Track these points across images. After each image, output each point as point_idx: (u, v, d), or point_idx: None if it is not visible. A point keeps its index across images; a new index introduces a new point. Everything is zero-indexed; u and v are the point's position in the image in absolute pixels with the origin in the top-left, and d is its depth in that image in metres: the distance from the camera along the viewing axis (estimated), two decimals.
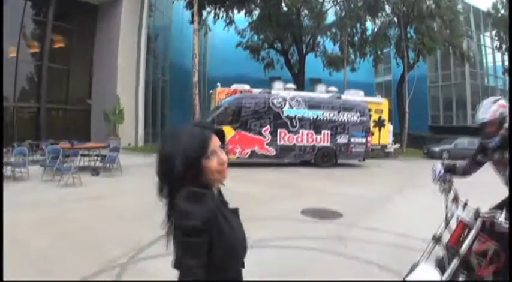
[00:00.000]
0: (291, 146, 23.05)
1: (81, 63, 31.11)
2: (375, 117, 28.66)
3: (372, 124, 27.42)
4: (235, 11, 38.34)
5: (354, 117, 24.08)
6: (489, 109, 5.27)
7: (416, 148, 34.58)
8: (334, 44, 40.35)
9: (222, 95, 25.73)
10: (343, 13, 38.50)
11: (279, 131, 22.74)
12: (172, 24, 40.50)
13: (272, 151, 22.65)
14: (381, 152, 30.33)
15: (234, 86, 26.42)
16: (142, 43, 33.11)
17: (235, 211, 2.43)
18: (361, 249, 8.56)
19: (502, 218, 5.05)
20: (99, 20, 32.14)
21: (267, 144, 22.50)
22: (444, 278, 5.04)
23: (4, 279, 3.44)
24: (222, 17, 38.15)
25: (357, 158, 24.69)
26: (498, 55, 49.48)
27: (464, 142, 31.20)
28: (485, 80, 49.93)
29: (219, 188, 2.41)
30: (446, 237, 5.19)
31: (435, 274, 5.09)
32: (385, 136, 30.08)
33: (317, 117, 23.43)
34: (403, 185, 17.66)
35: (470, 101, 47.11)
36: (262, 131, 22.44)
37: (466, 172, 5.85)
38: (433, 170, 5.58)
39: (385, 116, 29.85)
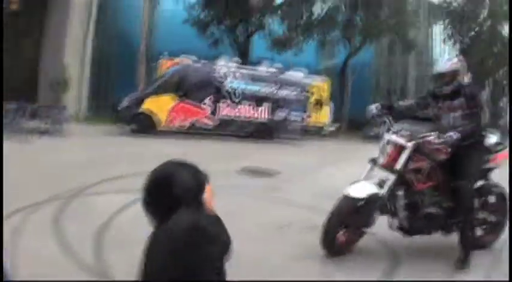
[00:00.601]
0: (231, 118, 23.59)
1: (31, 31, 30.88)
2: (315, 96, 29.41)
3: (311, 103, 28.22)
4: None
5: (294, 93, 24.87)
6: (447, 63, 6.27)
7: (356, 131, 35.36)
8: (281, 24, 40.70)
9: (167, 66, 26.07)
10: None
11: (220, 102, 23.30)
12: None
13: (212, 122, 23.15)
14: (319, 131, 31.14)
15: (180, 58, 26.75)
16: (93, 12, 33.06)
17: None
18: (294, 195, 9.40)
19: (432, 137, 5.94)
20: None
21: (207, 115, 23.02)
22: (383, 192, 5.79)
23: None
24: None
25: (295, 134, 25.27)
26: (446, 47, 50.57)
27: (404, 126, 32.16)
28: (432, 69, 51.01)
29: None
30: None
31: (373, 187, 5.84)
32: (324, 116, 30.86)
33: (258, 90, 24.09)
34: (337, 158, 18.55)
35: (414, 89, 48.38)
36: (203, 101, 22.97)
37: (406, 111, 6.79)
38: (368, 110, 6.45)
39: (325, 96, 30.65)
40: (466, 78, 6.31)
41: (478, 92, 6.61)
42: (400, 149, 5.88)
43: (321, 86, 30.52)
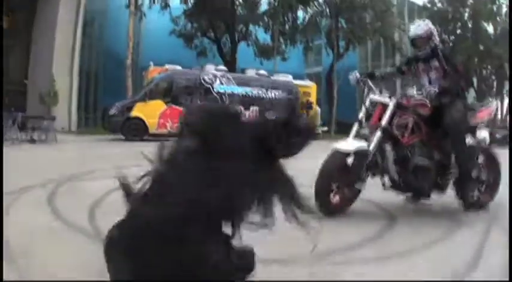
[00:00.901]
0: None
1: (20, 44, 30.98)
2: (303, 99, 29.55)
3: (299, 106, 28.38)
4: None
5: (282, 95, 25.06)
6: (421, 27, 6.45)
7: (344, 134, 35.46)
8: (266, 32, 40.99)
9: (154, 74, 26.17)
10: (276, 3, 39.21)
11: None
12: (108, 9, 40.41)
13: None
14: None
15: (167, 66, 26.85)
16: (79, 27, 33.10)
17: None
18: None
19: (413, 92, 6.08)
20: (39, 2, 32.04)
21: None
22: (371, 146, 5.85)
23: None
24: (159, 1, 38.58)
25: None
26: None
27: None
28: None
29: None
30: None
31: (360, 143, 5.90)
32: (313, 118, 31.02)
33: (246, 93, 24.28)
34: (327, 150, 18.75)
35: (399, 91, 48.62)
36: None
37: (385, 77, 6.94)
38: (351, 77, 6.60)
39: (313, 98, 30.80)
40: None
41: (453, 55, 6.80)
42: (383, 107, 5.97)
43: (308, 88, 30.73)
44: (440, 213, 6.35)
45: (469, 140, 6.40)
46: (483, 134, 6.76)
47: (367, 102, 6.22)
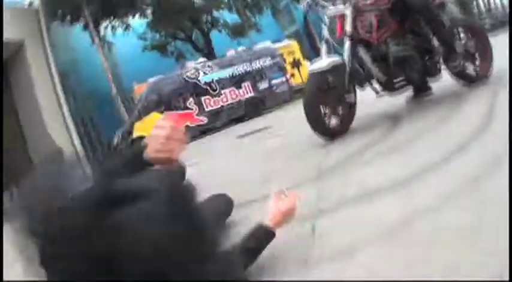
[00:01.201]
0: (219, 108, 23.60)
1: (6, 122, 31.04)
2: (289, 59, 29.29)
3: (289, 66, 28.20)
4: (130, 17, 38.71)
5: (266, 61, 24.92)
6: None
7: None
8: (231, 12, 40.60)
9: (141, 90, 26.12)
10: None
11: (202, 99, 23.37)
12: (76, 54, 40.20)
13: (204, 119, 23.13)
14: None
15: (150, 80, 26.72)
16: (56, 82, 33.03)
17: None
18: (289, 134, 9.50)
19: None
20: (10, 74, 32.03)
21: (196, 115, 23.04)
22: (345, 58, 5.77)
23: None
24: (119, 25, 38.41)
25: (283, 98, 25.28)
26: None
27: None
28: None
29: None
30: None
31: (334, 57, 5.81)
32: (306, 73, 30.70)
33: (232, 73, 24.17)
34: None
35: None
36: (187, 105, 22.99)
37: None
38: (302, 6, 6.50)
39: (298, 55, 30.55)
40: None
41: None
42: (343, 17, 5.87)
43: (290, 46, 30.59)
44: (443, 98, 6.25)
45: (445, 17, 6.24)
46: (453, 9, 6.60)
47: (325, 19, 6.12)
